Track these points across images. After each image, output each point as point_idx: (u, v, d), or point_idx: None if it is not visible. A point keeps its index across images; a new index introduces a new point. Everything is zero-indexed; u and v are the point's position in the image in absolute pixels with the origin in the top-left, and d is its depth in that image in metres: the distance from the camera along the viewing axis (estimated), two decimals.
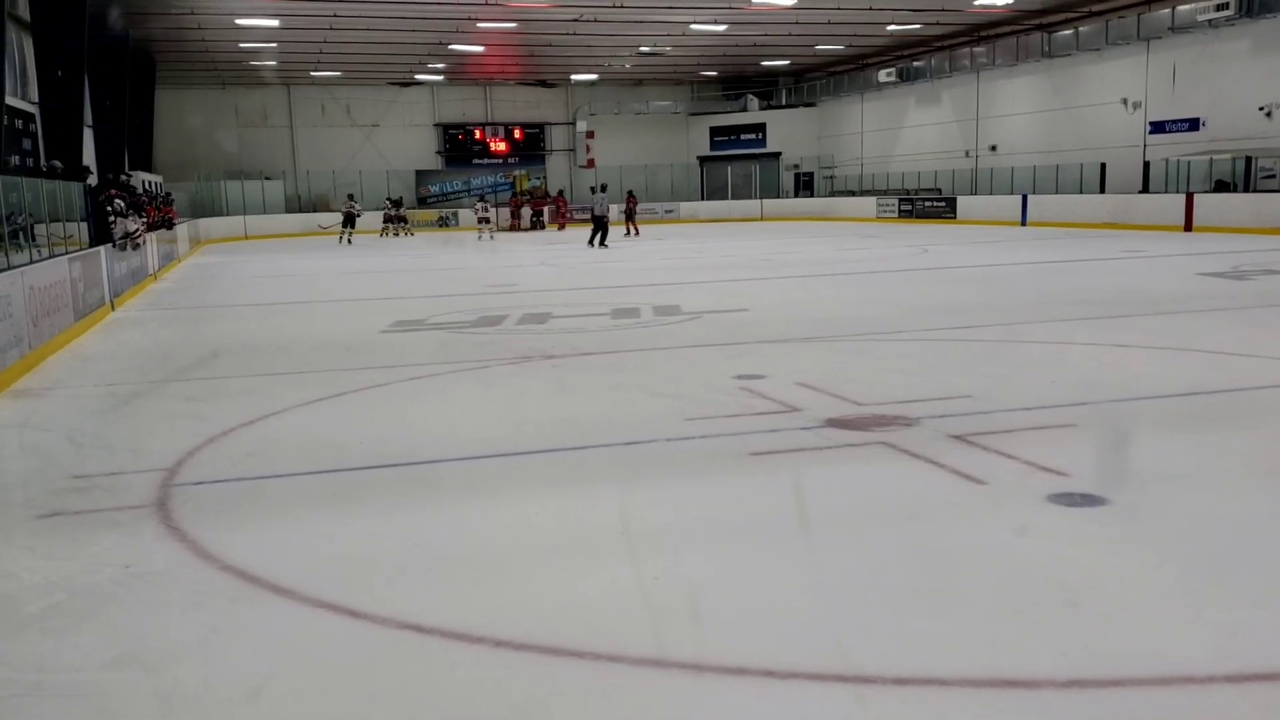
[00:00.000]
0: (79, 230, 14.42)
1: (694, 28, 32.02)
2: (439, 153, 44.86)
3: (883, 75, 38.78)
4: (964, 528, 4.50)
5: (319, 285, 18.52)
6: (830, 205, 41.55)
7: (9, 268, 9.59)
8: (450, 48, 34.61)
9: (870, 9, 29.07)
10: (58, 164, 17.19)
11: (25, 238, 10.38)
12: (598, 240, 26.24)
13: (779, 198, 44.33)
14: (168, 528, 4.72)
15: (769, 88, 46.11)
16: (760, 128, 45.42)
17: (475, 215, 35.18)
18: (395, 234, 36.08)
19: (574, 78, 43.57)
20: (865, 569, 4.04)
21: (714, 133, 46.28)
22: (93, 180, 19.40)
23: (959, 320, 10.96)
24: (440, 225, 40.76)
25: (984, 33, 34.08)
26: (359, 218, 33.31)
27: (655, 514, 4.84)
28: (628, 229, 32.59)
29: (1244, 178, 25.82)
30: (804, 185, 44.96)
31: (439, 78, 42.30)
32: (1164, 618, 3.56)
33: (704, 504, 4.97)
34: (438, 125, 44.72)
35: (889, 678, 3.13)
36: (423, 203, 42.95)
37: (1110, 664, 3.19)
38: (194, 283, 20.01)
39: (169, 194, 29.48)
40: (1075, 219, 28.96)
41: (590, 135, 45.47)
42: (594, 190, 29.57)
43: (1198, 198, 25.77)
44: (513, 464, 5.78)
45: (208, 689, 3.23)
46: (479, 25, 30.74)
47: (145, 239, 18.66)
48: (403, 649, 3.44)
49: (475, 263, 23.52)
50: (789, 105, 45.69)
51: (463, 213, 40.34)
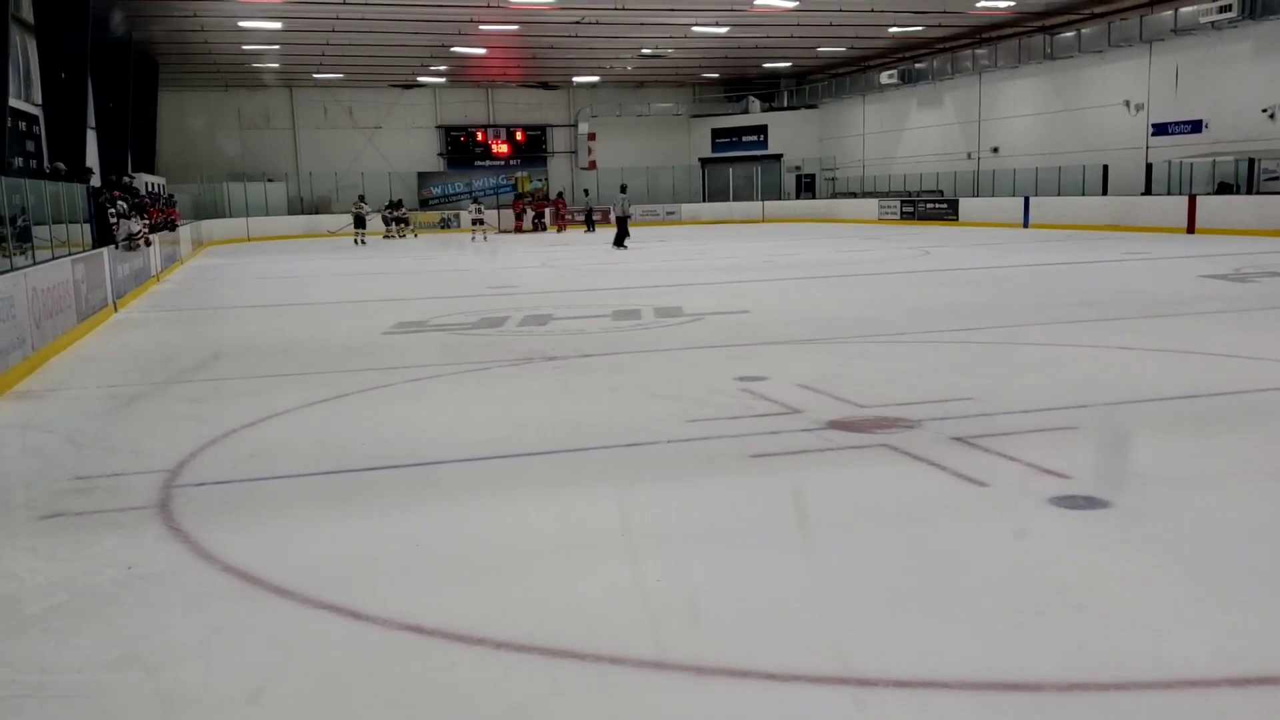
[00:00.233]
0: (82, 232, 14.43)
1: (695, 30, 32.03)
2: (441, 155, 44.92)
3: (884, 77, 38.78)
4: (965, 530, 4.50)
5: (321, 287, 18.54)
6: (832, 207, 41.55)
7: (12, 269, 9.60)
8: (452, 50, 34.65)
9: (872, 11, 29.07)
10: (61, 166, 17.21)
11: (21, 239, 10.37)
12: (617, 241, 26.43)
13: (781, 199, 44.34)
14: (169, 529, 4.73)
15: (771, 90, 46.13)
16: (762, 129, 45.44)
17: (470, 217, 35.54)
18: (401, 235, 36.21)
19: (576, 80, 43.61)
20: (866, 571, 4.04)
21: (715, 135, 46.32)
22: (96, 181, 19.42)
23: (960, 322, 10.95)
24: (442, 227, 40.81)
25: (986, 34, 34.07)
26: (369, 218, 33.64)
27: (656, 515, 4.84)
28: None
29: (1247, 179, 25.81)
30: (806, 187, 44.98)
31: (441, 80, 42.34)
32: (1165, 620, 3.56)
33: (705, 505, 4.97)
34: (440, 127, 44.78)
35: (889, 680, 3.13)
36: (425, 204, 43.00)
37: (1112, 667, 3.19)
38: (196, 284, 20.03)
39: (172, 196, 29.50)
40: (1077, 221, 28.95)
41: (592, 137, 45.52)
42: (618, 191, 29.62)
43: (1200, 200, 25.75)
44: (514, 465, 5.79)
45: (209, 690, 3.24)
46: (481, 27, 30.76)
47: (148, 240, 18.69)
48: (404, 650, 3.44)
49: (477, 264, 23.54)
50: (791, 107, 45.70)
51: (465, 215, 40.39)
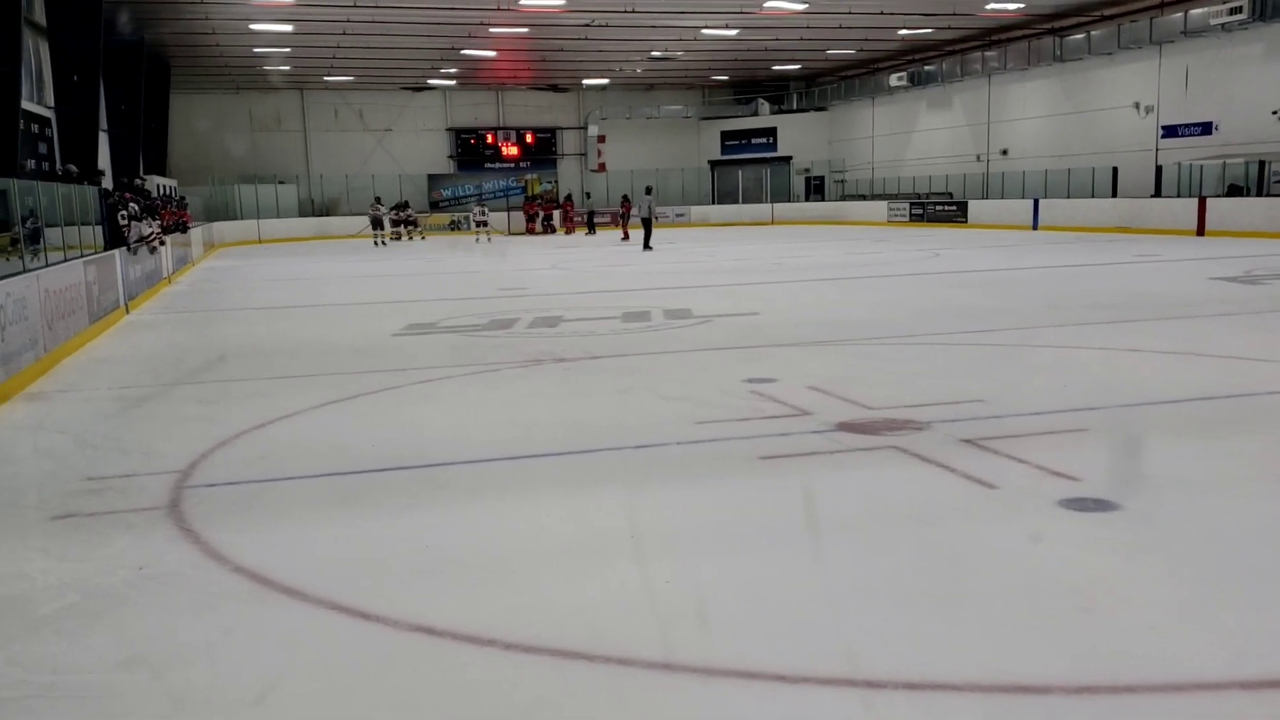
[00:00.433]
0: (94, 234, 14.50)
1: (705, 32, 32.05)
2: (451, 157, 45.02)
3: (894, 79, 38.73)
4: (975, 532, 4.49)
5: (331, 289, 18.58)
6: (841, 209, 41.51)
7: (24, 270, 9.65)
8: (462, 53, 34.72)
9: (881, 13, 29.04)
10: (72, 168, 17.29)
11: (31, 241, 10.41)
12: (643, 242, 26.65)
13: (790, 202, 44.30)
14: (180, 529, 4.75)
15: (780, 92, 46.09)
16: (771, 132, 45.43)
17: (473, 220, 35.78)
18: (410, 237, 36.26)
19: (585, 82, 43.65)
20: (875, 573, 4.03)
21: (725, 137, 46.32)
22: (107, 184, 19.52)
23: (970, 324, 10.93)
24: (452, 229, 40.87)
25: (995, 37, 34.01)
26: (385, 219, 33.99)
27: (665, 517, 4.84)
28: (624, 233, 33.22)
29: (1257, 181, 25.71)
30: (815, 189, 44.93)
31: (451, 82, 42.43)
32: (1175, 623, 3.55)
33: (714, 507, 4.97)
34: (450, 130, 44.87)
35: (899, 682, 3.12)
36: (435, 207, 43.09)
37: (1122, 669, 3.18)
38: (207, 286, 20.10)
39: (183, 198, 29.61)
40: (1087, 223, 28.85)
41: (601, 139, 45.55)
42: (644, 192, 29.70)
43: (1210, 202, 25.65)
44: (523, 467, 5.79)
45: (219, 690, 3.25)
46: (491, 30, 30.82)
47: (161, 241, 18.76)
48: (413, 651, 3.45)
49: (487, 266, 23.57)
50: (800, 109, 45.65)
51: (472, 217, 40.50)
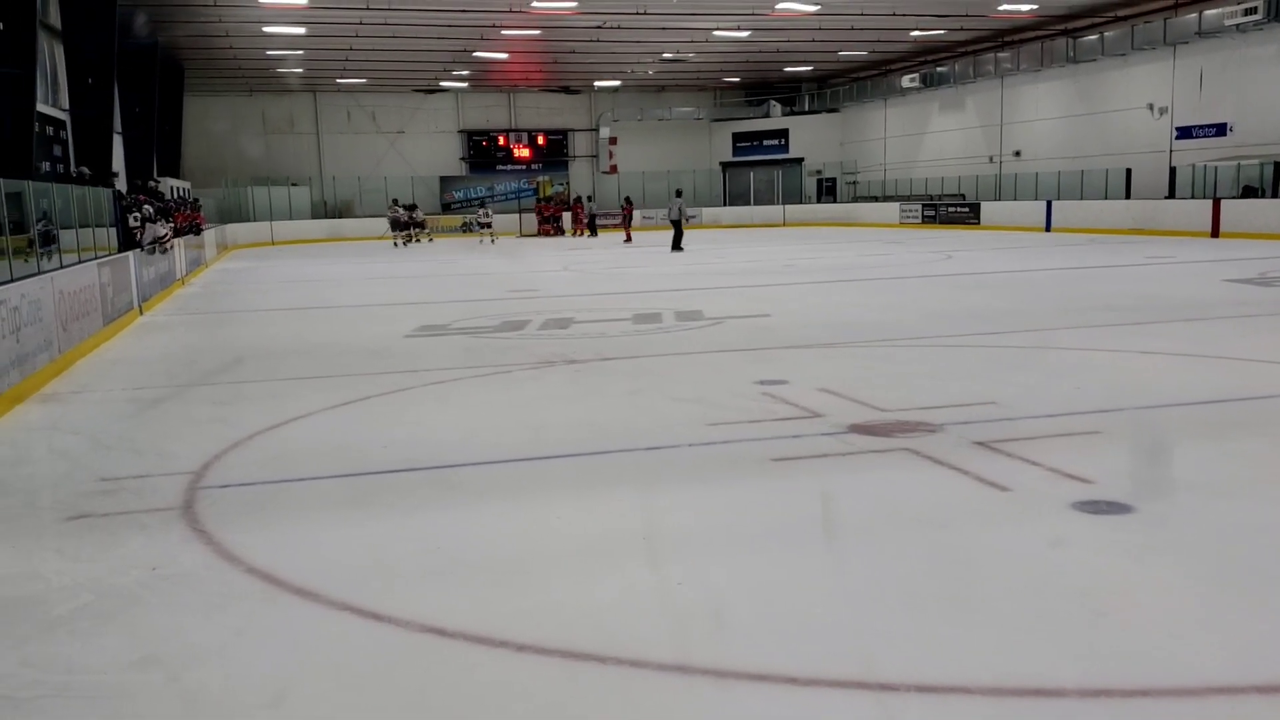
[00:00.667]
0: (108, 236, 14.58)
1: (717, 34, 32.04)
2: (463, 159, 45.12)
3: (906, 81, 38.65)
4: (988, 534, 4.48)
5: (344, 290, 18.63)
6: (853, 211, 41.44)
7: (39, 272, 9.71)
8: (475, 55, 34.79)
9: (894, 14, 28.98)
10: (85, 170, 17.41)
11: (43, 243, 10.47)
12: (674, 244, 26.89)
13: (801, 203, 44.23)
14: (193, 530, 4.77)
15: (792, 93, 46.04)
16: (783, 133, 45.38)
17: (476, 221, 36.06)
18: (417, 239, 35.95)
19: (597, 84, 43.69)
20: (887, 575, 4.02)
21: (737, 138, 46.29)
22: (121, 186, 19.62)
23: (983, 326, 10.90)
24: (464, 231, 40.94)
25: (1008, 38, 33.90)
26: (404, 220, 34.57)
27: (677, 519, 4.84)
28: (626, 235, 33.68)
29: (1272, 183, 25.56)
30: (827, 191, 44.87)
31: (463, 84, 42.52)
32: (1191, 626, 3.53)
33: (726, 509, 4.96)
34: (462, 131, 44.97)
35: (911, 685, 3.11)
36: (447, 209, 43.17)
37: (1136, 673, 3.16)
38: (221, 288, 20.18)
39: (197, 200, 29.77)
40: (1100, 225, 28.74)
41: (613, 141, 45.58)
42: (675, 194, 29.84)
43: (1225, 203, 25.52)
44: (535, 468, 5.80)
45: (231, 691, 3.26)
46: (503, 32, 30.89)
47: (173, 244, 18.85)
48: (424, 652, 3.46)
49: (498, 268, 23.60)
50: (812, 111, 45.60)
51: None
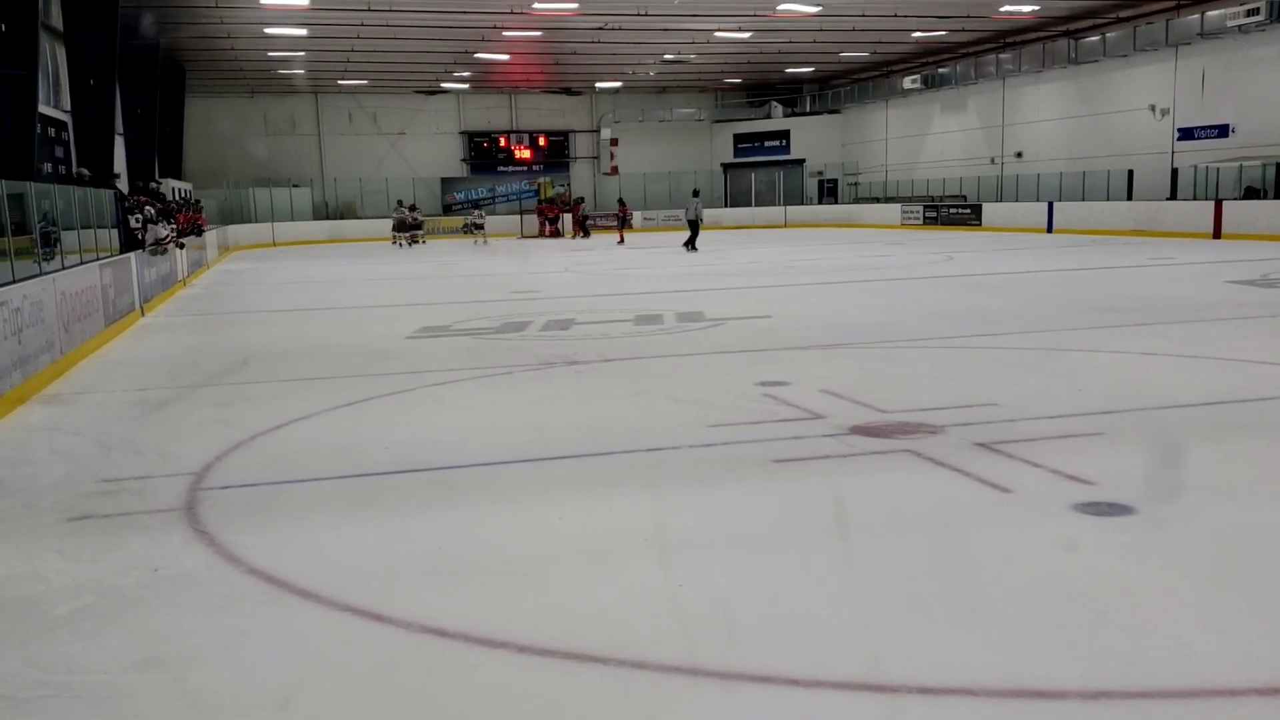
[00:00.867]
0: (110, 237, 14.58)
1: (718, 35, 32.05)
2: (464, 160, 45.14)
3: (908, 82, 38.65)
4: (989, 536, 4.48)
5: (345, 291, 18.63)
6: (854, 212, 41.44)
7: (41, 274, 9.71)
8: (476, 56, 34.80)
9: (895, 16, 29.00)
10: (85, 171, 17.42)
11: (44, 244, 10.48)
12: (690, 244, 26.96)
13: (803, 204, 44.25)
14: (195, 531, 4.77)
15: (793, 95, 46.04)
16: (784, 134, 45.38)
17: (470, 222, 36.18)
18: (413, 241, 35.62)
19: (598, 85, 43.70)
20: (890, 577, 4.02)
21: (738, 140, 46.30)
22: (123, 187, 19.64)
23: (984, 328, 10.90)
24: (465, 232, 40.92)
25: (1010, 39, 33.90)
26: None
27: (679, 520, 4.83)
28: (620, 237, 33.89)
29: (1274, 184, 25.55)
30: (828, 192, 44.87)
31: (465, 86, 42.54)
32: (1193, 628, 3.53)
33: (728, 511, 4.96)
34: (463, 133, 44.99)
35: (914, 686, 3.11)
36: (448, 210, 43.19)
37: (1138, 675, 3.16)
38: (222, 289, 20.19)
39: (198, 201, 29.77)
40: (1102, 226, 28.73)
41: (614, 142, 45.61)
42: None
43: (1227, 205, 25.51)
44: (536, 469, 5.80)
45: (233, 692, 3.26)
46: (504, 34, 30.90)
47: (179, 245, 18.86)
48: (426, 653, 3.46)
49: (500, 269, 23.61)
50: (813, 112, 45.61)
51: (488, 220, 40.58)
